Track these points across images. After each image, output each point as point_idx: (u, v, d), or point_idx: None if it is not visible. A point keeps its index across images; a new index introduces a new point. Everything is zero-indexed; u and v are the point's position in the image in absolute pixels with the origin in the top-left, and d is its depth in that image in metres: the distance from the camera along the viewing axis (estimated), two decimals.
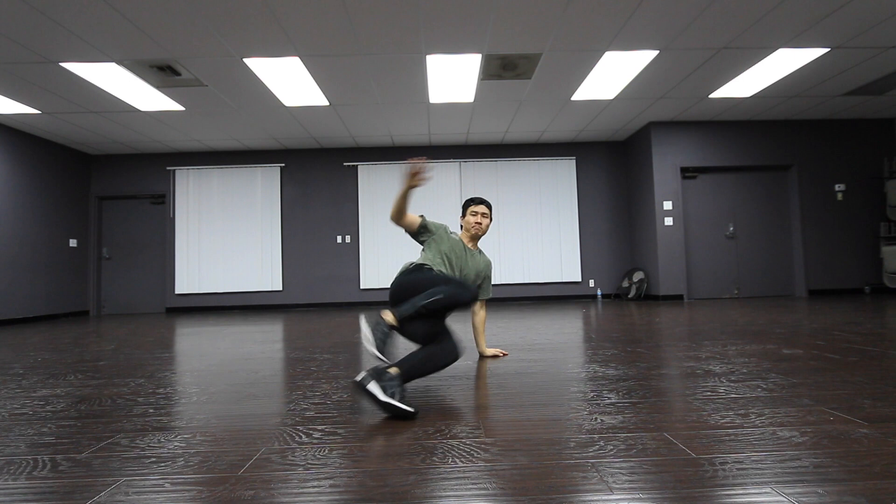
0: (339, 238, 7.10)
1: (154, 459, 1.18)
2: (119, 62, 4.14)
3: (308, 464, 1.12)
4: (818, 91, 5.40)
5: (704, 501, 0.89)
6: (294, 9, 3.42)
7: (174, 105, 5.22)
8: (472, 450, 1.18)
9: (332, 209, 7.13)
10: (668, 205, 6.40)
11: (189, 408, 1.66)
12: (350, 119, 5.88)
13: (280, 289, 7.02)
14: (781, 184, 6.68)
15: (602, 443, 1.20)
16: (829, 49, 4.32)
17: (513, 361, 2.36)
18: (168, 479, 1.06)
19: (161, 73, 4.39)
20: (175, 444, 1.29)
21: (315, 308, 6.98)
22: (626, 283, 6.92)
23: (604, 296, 7.17)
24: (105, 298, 7.14)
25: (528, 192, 7.18)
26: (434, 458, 1.13)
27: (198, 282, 7.00)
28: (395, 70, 4.50)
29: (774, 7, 3.61)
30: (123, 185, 7.12)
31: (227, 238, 7.06)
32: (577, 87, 5.11)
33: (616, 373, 2.02)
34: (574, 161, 7.22)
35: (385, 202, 7.11)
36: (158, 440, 1.33)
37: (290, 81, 4.67)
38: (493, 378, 1.99)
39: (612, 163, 7.30)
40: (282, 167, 7.16)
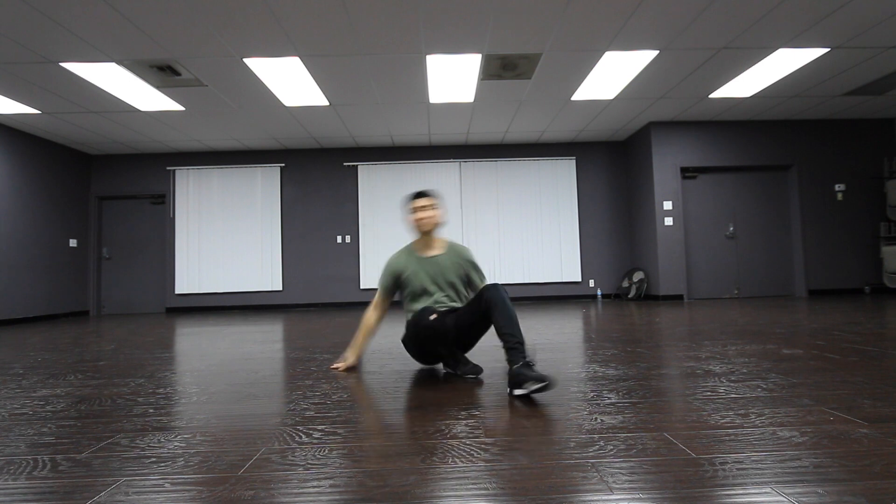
0: (339, 238, 7.10)
1: (154, 459, 1.18)
2: (119, 62, 4.15)
3: (308, 464, 1.12)
4: (818, 91, 5.40)
5: (704, 501, 0.89)
6: (294, 9, 3.42)
7: (174, 105, 5.22)
8: (472, 450, 1.18)
9: (332, 209, 7.13)
10: (668, 205, 6.40)
11: (189, 408, 1.66)
12: (350, 119, 5.88)
13: (280, 289, 7.02)
14: (781, 184, 6.68)
15: (602, 443, 1.20)
16: (829, 49, 4.32)
17: None
18: (168, 479, 1.06)
19: (161, 73, 4.39)
20: (175, 444, 1.29)
21: (315, 308, 6.98)
22: (626, 283, 6.92)
23: (604, 296, 7.17)
24: (105, 298, 7.14)
25: (528, 192, 7.18)
26: (434, 458, 1.13)
27: (198, 282, 7.00)
28: (395, 70, 4.50)
29: (774, 7, 3.61)
30: (123, 185, 7.12)
31: (227, 238, 7.06)
32: (577, 87, 5.11)
33: (616, 373, 2.02)
34: (574, 161, 7.22)
35: (385, 202, 7.11)
36: (158, 440, 1.33)
37: (290, 81, 4.67)
38: (494, 378, 1.99)
39: (612, 163, 7.30)
40: (282, 167, 7.16)
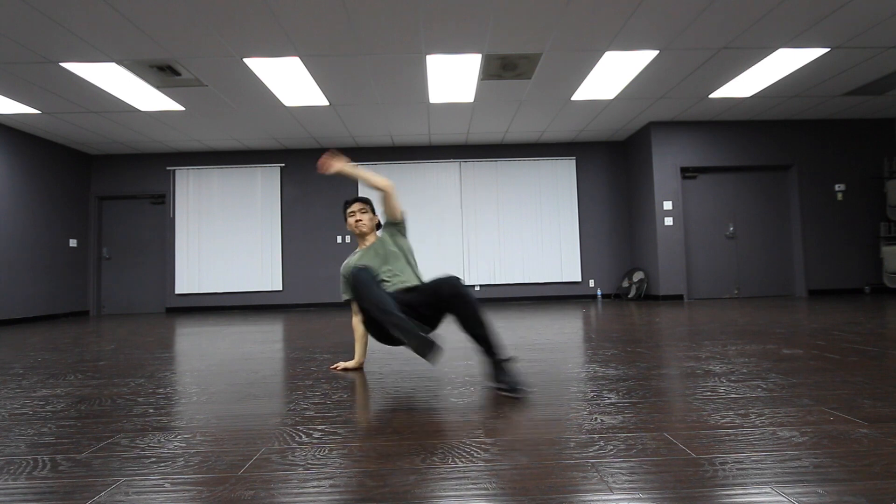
0: (339, 238, 7.10)
1: (154, 459, 1.18)
2: (119, 62, 4.14)
3: (308, 464, 1.12)
4: (818, 91, 5.40)
5: (704, 501, 0.89)
6: (294, 9, 3.42)
7: (174, 105, 5.22)
8: (472, 450, 1.18)
9: (332, 209, 7.13)
10: (668, 205, 6.40)
11: (189, 408, 1.66)
12: (350, 119, 5.88)
13: (280, 289, 7.02)
14: (781, 184, 6.68)
15: (602, 443, 1.20)
16: (829, 49, 4.32)
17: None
18: (168, 479, 1.06)
19: (161, 73, 4.39)
20: (175, 444, 1.29)
21: (315, 308, 6.98)
22: (626, 283, 6.92)
23: (604, 296, 7.17)
24: (105, 298, 7.13)
25: (528, 192, 7.18)
26: (434, 458, 1.13)
27: (198, 282, 7.00)
28: (395, 70, 4.50)
29: (774, 7, 3.61)
30: (123, 185, 7.11)
31: (227, 238, 7.06)
32: (577, 87, 5.11)
33: (616, 373, 2.01)
34: (574, 161, 7.22)
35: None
36: (158, 440, 1.33)
37: (290, 81, 4.67)
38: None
39: (612, 163, 7.30)
40: (282, 167, 7.16)
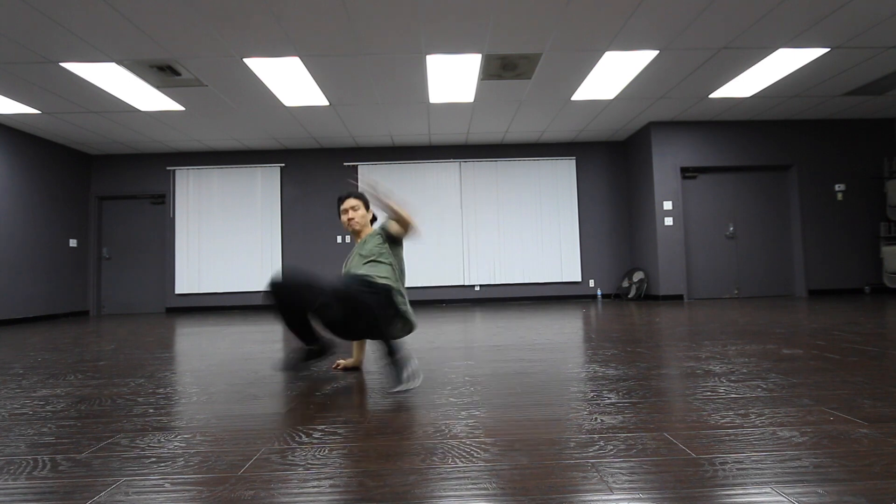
0: (339, 238, 7.10)
1: (154, 459, 1.18)
2: (119, 62, 4.14)
3: (308, 464, 1.12)
4: (818, 91, 5.40)
5: (704, 501, 0.89)
6: (294, 9, 3.42)
7: (174, 105, 5.22)
8: (472, 450, 1.18)
9: (332, 209, 7.13)
10: (668, 205, 6.40)
11: (189, 408, 1.66)
12: (350, 119, 5.87)
13: None
14: (781, 184, 6.68)
15: (602, 443, 1.20)
16: (829, 49, 4.32)
17: (513, 361, 2.36)
18: (168, 479, 1.06)
19: (161, 73, 4.39)
20: (175, 444, 1.29)
21: None
22: (626, 283, 6.92)
23: (604, 296, 7.17)
24: (105, 298, 7.13)
25: (528, 192, 7.18)
26: (434, 458, 1.13)
27: (198, 282, 7.00)
28: (395, 70, 4.50)
29: (774, 7, 3.61)
30: (123, 185, 7.11)
31: (227, 238, 7.06)
32: (577, 87, 5.11)
33: (616, 373, 2.01)
34: (574, 161, 7.22)
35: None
36: (158, 440, 1.33)
37: (290, 81, 4.67)
38: (493, 378, 1.99)
39: (612, 163, 7.30)
40: (282, 167, 7.16)
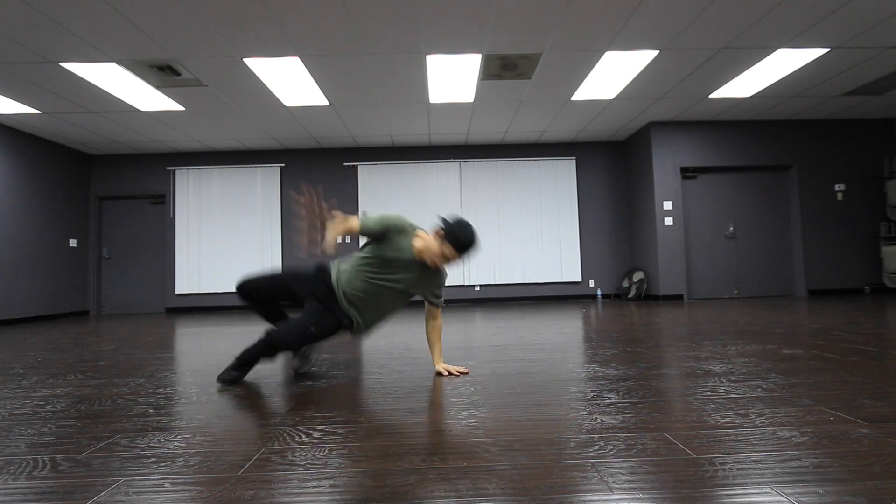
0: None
1: (154, 459, 1.18)
2: (119, 62, 4.14)
3: (308, 464, 1.12)
4: (818, 91, 5.40)
5: (704, 501, 0.89)
6: (294, 9, 3.42)
7: (174, 105, 5.22)
8: (472, 450, 1.18)
9: (332, 209, 7.13)
10: (668, 205, 6.40)
11: (189, 408, 1.66)
12: (350, 119, 5.87)
13: None
14: (781, 184, 6.68)
15: (602, 443, 1.20)
16: (829, 49, 4.32)
17: (513, 361, 2.36)
18: (168, 479, 1.06)
19: (161, 73, 4.39)
20: (175, 444, 1.29)
21: None
22: (626, 283, 6.92)
23: (604, 296, 7.17)
24: (105, 298, 7.13)
25: (528, 192, 7.18)
26: (434, 458, 1.13)
27: (198, 282, 7.00)
28: (395, 70, 4.50)
29: (774, 7, 3.61)
30: (123, 185, 7.12)
31: (227, 238, 7.06)
32: (577, 87, 5.11)
33: (616, 373, 2.01)
34: (574, 161, 7.22)
35: (385, 202, 7.11)
36: (158, 440, 1.33)
37: (290, 81, 4.67)
38: (493, 378, 1.99)
39: (612, 163, 7.30)
40: (282, 167, 7.16)
